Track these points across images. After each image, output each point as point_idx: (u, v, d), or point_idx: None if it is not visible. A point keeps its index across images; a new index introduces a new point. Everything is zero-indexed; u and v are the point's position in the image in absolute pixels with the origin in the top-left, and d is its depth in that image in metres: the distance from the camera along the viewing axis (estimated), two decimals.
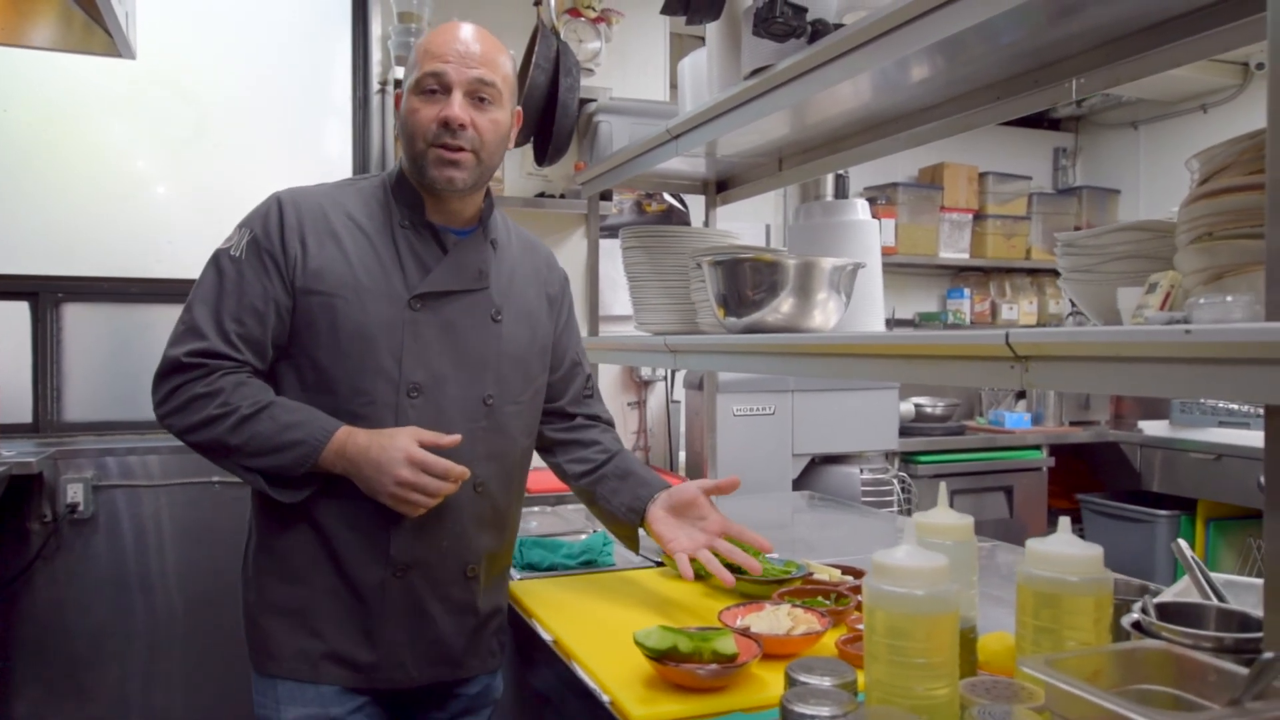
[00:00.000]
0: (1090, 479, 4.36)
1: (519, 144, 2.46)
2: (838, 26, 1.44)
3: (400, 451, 1.28)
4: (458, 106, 1.35)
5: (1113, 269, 1.16)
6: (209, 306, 1.34)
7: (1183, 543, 1.14)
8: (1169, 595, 1.09)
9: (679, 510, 1.55)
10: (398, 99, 1.45)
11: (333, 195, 1.43)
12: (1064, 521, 0.95)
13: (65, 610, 2.65)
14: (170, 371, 1.33)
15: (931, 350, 1.16)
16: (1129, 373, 0.91)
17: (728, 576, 1.45)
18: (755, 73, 1.61)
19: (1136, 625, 0.99)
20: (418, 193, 1.43)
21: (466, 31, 1.40)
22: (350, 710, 1.39)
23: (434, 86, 1.36)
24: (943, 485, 1.14)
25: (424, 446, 1.30)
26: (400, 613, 1.39)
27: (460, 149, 1.36)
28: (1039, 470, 3.95)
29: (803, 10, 1.45)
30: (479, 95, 1.38)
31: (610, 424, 1.72)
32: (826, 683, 0.95)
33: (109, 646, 2.70)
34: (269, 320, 1.35)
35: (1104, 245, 1.19)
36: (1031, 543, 0.95)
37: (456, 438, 1.33)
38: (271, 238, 1.36)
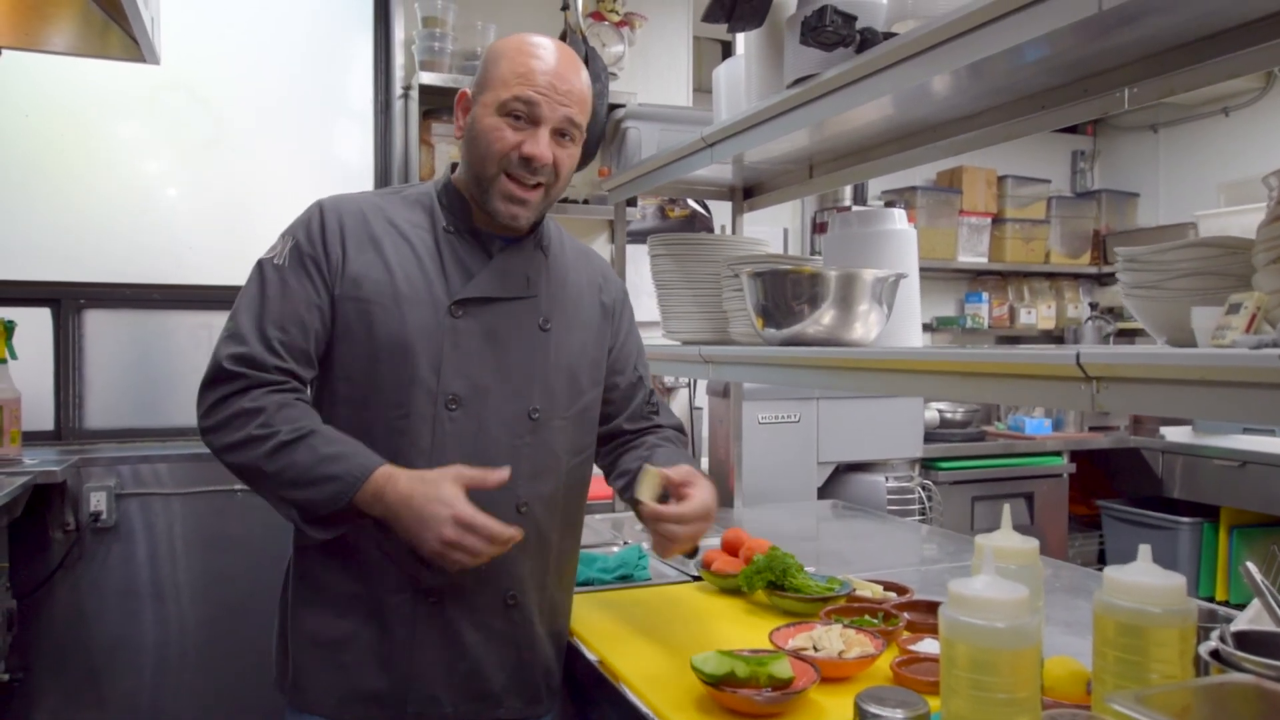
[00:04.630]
0: (1111, 485, 4.33)
1: None
2: (887, 36, 1.42)
3: (446, 508, 1.18)
4: (544, 145, 1.31)
5: (1180, 285, 1.13)
6: (252, 314, 1.30)
7: (1252, 566, 1.11)
8: (1242, 622, 1.06)
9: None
10: (460, 98, 1.38)
11: (375, 202, 1.40)
12: (1144, 549, 0.93)
13: (86, 619, 2.62)
14: (214, 380, 1.28)
15: (995, 368, 1.13)
16: (1212, 397, 0.88)
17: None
18: (798, 81, 1.58)
19: (1215, 654, 0.96)
20: (465, 199, 1.39)
21: (564, 61, 1.34)
22: None
23: (521, 113, 1.31)
24: (1006, 507, 1.11)
25: (468, 487, 1.21)
26: (433, 643, 1.31)
27: (534, 186, 1.33)
28: (1059, 476, 3.91)
29: (852, 19, 1.43)
30: (563, 132, 1.34)
31: (673, 427, 1.59)
32: (899, 715, 0.93)
33: (129, 656, 2.67)
34: (312, 327, 1.31)
35: (1169, 261, 1.16)
36: (1110, 571, 0.93)
37: (504, 474, 1.24)
38: (314, 243, 1.33)
